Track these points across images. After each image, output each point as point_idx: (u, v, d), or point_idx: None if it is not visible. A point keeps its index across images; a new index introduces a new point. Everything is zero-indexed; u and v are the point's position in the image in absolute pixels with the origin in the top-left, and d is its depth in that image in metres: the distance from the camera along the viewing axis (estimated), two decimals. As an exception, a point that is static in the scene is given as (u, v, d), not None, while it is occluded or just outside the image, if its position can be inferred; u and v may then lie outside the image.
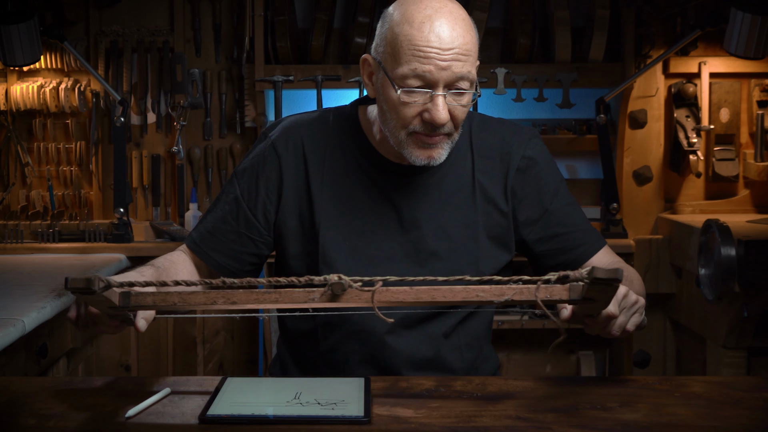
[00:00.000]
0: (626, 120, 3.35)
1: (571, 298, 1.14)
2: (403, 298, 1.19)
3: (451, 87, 1.46)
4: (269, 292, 1.19)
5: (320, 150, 1.62)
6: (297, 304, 1.20)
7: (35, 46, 3.02)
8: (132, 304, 1.21)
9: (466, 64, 1.46)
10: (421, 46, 1.44)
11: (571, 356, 3.44)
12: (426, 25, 1.45)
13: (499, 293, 1.15)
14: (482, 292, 1.16)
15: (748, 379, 1.50)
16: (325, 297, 1.19)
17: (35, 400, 1.35)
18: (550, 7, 3.28)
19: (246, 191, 1.63)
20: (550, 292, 1.15)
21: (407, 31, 1.45)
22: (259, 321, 3.19)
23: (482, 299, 1.17)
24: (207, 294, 1.20)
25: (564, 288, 1.14)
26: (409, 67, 1.45)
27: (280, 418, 1.25)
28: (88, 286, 1.11)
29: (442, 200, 1.61)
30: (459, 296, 1.17)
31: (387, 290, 1.19)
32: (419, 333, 1.60)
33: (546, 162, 1.68)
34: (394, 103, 1.48)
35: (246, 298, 1.19)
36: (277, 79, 3.22)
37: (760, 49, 2.98)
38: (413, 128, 1.49)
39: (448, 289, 1.18)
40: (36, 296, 2.21)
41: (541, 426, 1.23)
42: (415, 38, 1.44)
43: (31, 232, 3.23)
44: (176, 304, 1.20)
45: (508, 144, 1.64)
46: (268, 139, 1.65)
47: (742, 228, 2.77)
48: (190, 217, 3.34)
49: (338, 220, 1.60)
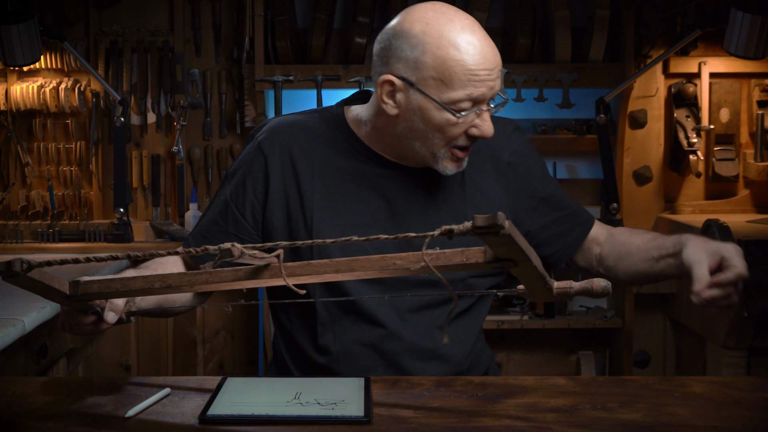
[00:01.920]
0: (626, 120, 3.35)
1: (487, 260, 1.13)
2: (324, 270, 1.20)
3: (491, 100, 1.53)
4: (200, 273, 1.22)
5: (308, 149, 1.64)
6: (226, 283, 1.22)
7: (35, 46, 3.02)
8: (81, 292, 1.25)
9: (499, 79, 1.53)
10: (476, 71, 1.48)
11: (571, 356, 3.44)
12: (471, 47, 1.48)
13: (416, 260, 1.16)
14: (399, 259, 1.17)
15: (748, 379, 1.50)
16: (248, 273, 1.21)
17: (35, 400, 1.35)
18: (550, 7, 3.28)
19: (234, 192, 1.66)
20: (467, 255, 1.14)
21: (456, 56, 1.47)
22: (259, 322, 3.19)
23: (400, 267, 1.17)
24: (146, 278, 1.24)
25: (479, 250, 1.14)
26: (464, 92, 1.48)
27: (280, 418, 1.25)
28: (9, 268, 1.15)
29: (433, 194, 1.63)
30: (377, 265, 1.18)
31: (308, 264, 1.20)
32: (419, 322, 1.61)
33: (530, 152, 1.74)
34: (442, 124, 1.51)
35: (180, 280, 1.23)
36: (277, 79, 3.22)
37: (760, 49, 2.98)
38: (456, 143, 1.54)
39: (365, 259, 1.19)
40: (36, 296, 2.20)
41: (541, 426, 1.23)
42: (468, 63, 1.47)
43: (31, 232, 3.23)
44: (119, 290, 1.24)
45: (496, 139, 1.67)
46: (255, 140, 1.68)
47: (742, 228, 2.78)
48: (190, 217, 3.34)
49: (331, 215, 1.61)
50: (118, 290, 1.25)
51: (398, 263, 1.17)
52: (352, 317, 1.61)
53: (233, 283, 1.23)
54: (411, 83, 1.50)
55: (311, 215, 1.61)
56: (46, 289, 1.24)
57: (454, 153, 1.55)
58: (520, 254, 1.11)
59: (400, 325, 1.60)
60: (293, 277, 1.20)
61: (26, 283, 1.21)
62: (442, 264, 1.15)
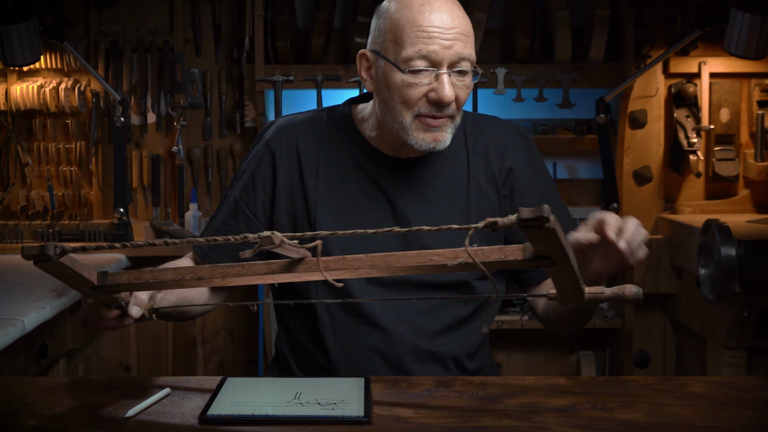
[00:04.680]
0: (626, 120, 3.35)
1: (525, 257, 1.12)
2: (359, 265, 1.18)
3: (453, 67, 1.50)
4: (233, 266, 1.21)
5: (314, 148, 1.65)
6: (258, 276, 1.21)
7: (35, 46, 3.02)
8: (109, 282, 1.23)
9: (467, 45, 1.51)
10: (424, 27, 1.49)
11: (571, 356, 3.44)
12: (426, 7, 1.50)
13: (453, 256, 1.14)
14: (436, 255, 1.15)
15: (748, 379, 1.50)
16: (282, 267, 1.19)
17: (35, 400, 1.35)
18: (550, 7, 3.28)
19: (244, 192, 1.66)
20: (505, 253, 1.13)
21: (408, 15, 1.50)
22: (259, 322, 3.19)
23: (437, 263, 1.15)
24: (176, 270, 1.22)
25: (518, 248, 1.12)
26: (413, 48, 1.49)
27: (280, 418, 1.25)
28: (43, 252, 1.12)
29: (437, 195, 1.62)
30: (413, 261, 1.16)
31: (343, 259, 1.19)
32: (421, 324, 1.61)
33: (537, 165, 1.70)
34: (399, 87, 1.51)
35: (212, 273, 1.21)
36: (277, 79, 3.22)
37: (760, 49, 2.98)
38: (419, 110, 1.52)
39: (402, 255, 1.17)
40: (36, 296, 2.21)
41: (541, 426, 1.23)
42: (418, 20, 1.49)
43: (31, 232, 3.23)
44: (149, 281, 1.22)
45: (503, 144, 1.67)
46: (263, 139, 1.69)
47: (742, 228, 2.78)
48: (190, 217, 3.33)
49: (335, 214, 1.61)
50: (148, 281, 1.22)
51: (435, 259, 1.15)
52: (353, 319, 1.61)
53: (266, 277, 1.21)
54: (377, 52, 1.54)
55: (314, 215, 1.61)
56: (74, 277, 1.21)
57: (422, 121, 1.52)
58: (560, 252, 1.09)
59: (402, 327, 1.60)
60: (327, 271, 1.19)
61: (56, 269, 1.18)
62: (480, 261, 1.13)
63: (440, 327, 1.62)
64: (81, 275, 1.20)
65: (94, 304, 1.33)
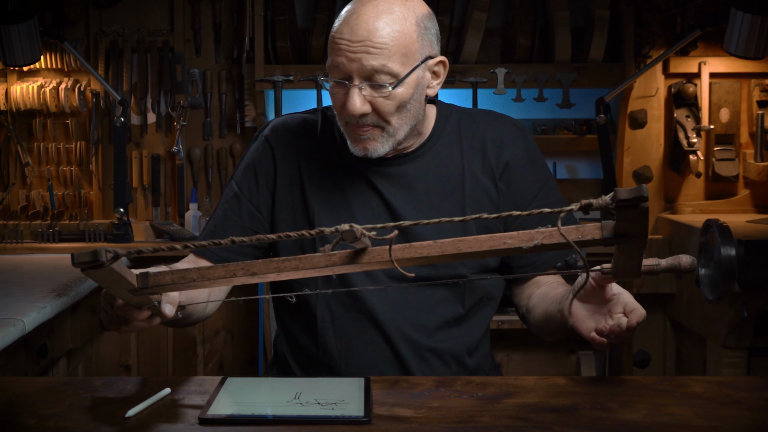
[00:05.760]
0: (626, 120, 3.35)
1: (604, 236, 1.08)
2: (428, 252, 1.13)
3: (369, 79, 1.49)
4: (289, 259, 1.16)
5: (310, 145, 1.67)
6: (317, 269, 1.15)
7: (35, 46, 3.02)
8: (151, 284, 1.17)
9: (378, 57, 1.47)
10: (336, 39, 1.50)
11: (571, 356, 3.44)
12: (344, 18, 1.50)
13: (528, 239, 1.09)
14: (510, 239, 1.10)
15: (748, 379, 1.50)
16: (343, 258, 1.14)
17: (35, 400, 1.35)
18: (550, 7, 3.28)
19: (246, 186, 1.67)
20: (582, 232, 1.09)
21: (334, 26, 1.52)
22: (259, 322, 3.19)
23: (510, 246, 1.10)
24: (226, 267, 1.16)
25: (595, 227, 1.09)
26: (330, 59, 1.51)
27: (280, 418, 1.25)
28: (96, 258, 1.07)
29: (430, 190, 1.63)
30: (486, 245, 1.10)
31: (410, 246, 1.13)
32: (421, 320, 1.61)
33: (534, 158, 1.69)
34: (330, 94, 1.54)
35: (266, 268, 1.15)
36: (277, 79, 3.22)
37: (760, 49, 2.98)
38: (345, 119, 1.54)
39: (473, 239, 1.12)
40: (36, 296, 2.21)
41: (541, 426, 1.23)
42: (334, 32, 1.51)
43: (31, 232, 3.23)
44: (195, 280, 1.17)
45: (500, 137, 1.67)
46: (261, 136, 1.71)
47: (742, 228, 2.77)
48: (190, 217, 3.34)
49: (331, 211, 1.63)
50: (195, 280, 1.16)
51: (509, 242, 1.10)
52: (353, 314, 1.61)
53: (325, 270, 1.16)
54: None
55: (313, 210, 1.62)
56: (118, 281, 1.15)
57: (350, 129, 1.55)
58: (642, 230, 1.06)
59: (401, 323, 1.60)
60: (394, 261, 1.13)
61: (104, 275, 1.12)
62: (555, 242, 1.09)
63: (439, 323, 1.62)
64: (125, 278, 1.15)
65: (124, 306, 1.27)
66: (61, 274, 2.54)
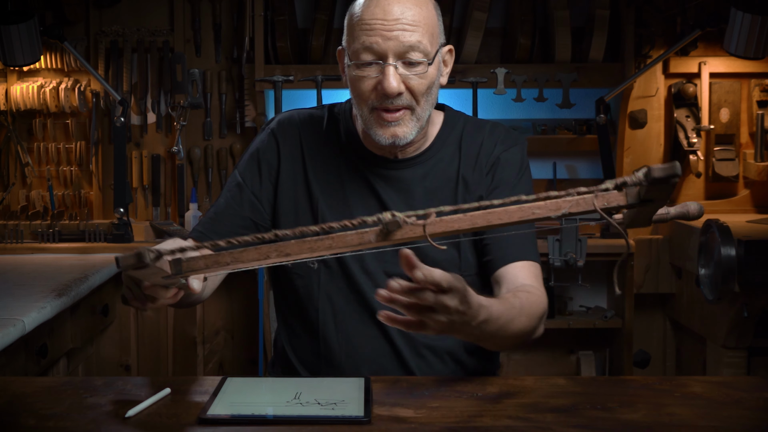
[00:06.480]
0: (626, 120, 3.35)
1: (629, 202, 1.11)
2: (459, 225, 1.14)
3: (402, 58, 1.51)
4: (322, 238, 1.15)
5: (315, 141, 1.68)
6: (350, 247, 1.16)
7: (35, 46, 3.02)
8: (184, 270, 1.18)
9: (414, 34, 1.50)
10: (367, 19, 1.51)
11: (571, 356, 3.44)
12: (372, 1, 1.52)
13: (556, 208, 1.11)
14: (538, 209, 1.12)
15: (748, 379, 1.50)
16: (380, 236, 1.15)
17: (35, 400, 1.35)
18: (550, 7, 3.28)
19: (249, 177, 1.68)
20: (607, 199, 1.11)
21: (356, 11, 1.54)
22: (259, 322, 3.19)
23: (539, 216, 1.12)
24: (259, 249, 1.16)
25: (620, 194, 1.11)
26: (359, 41, 1.52)
27: (280, 418, 1.25)
28: (140, 260, 1.10)
29: (426, 195, 1.64)
30: (515, 216, 1.12)
31: (441, 220, 1.15)
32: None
33: (516, 167, 1.67)
34: (353, 80, 1.55)
35: (299, 248, 1.15)
36: (277, 79, 3.22)
37: (760, 49, 2.98)
38: (372, 103, 1.54)
39: (503, 211, 1.13)
40: (36, 296, 2.21)
41: (541, 426, 1.23)
42: (364, 13, 1.52)
43: (31, 232, 3.23)
44: (228, 264, 1.17)
45: (494, 142, 1.68)
46: (268, 128, 1.72)
47: (742, 228, 2.78)
48: (190, 217, 3.33)
49: (333, 208, 1.64)
50: (228, 264, 1.17)
51: (537, 212, 1.13)
52: (354, 308, 1.62)
53: (358, 247, 1.16)
54: (344, 48, 1.58)
55: (317, 204, 1.64)
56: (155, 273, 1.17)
57: (379, 115, 1.54)
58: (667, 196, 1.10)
59: None
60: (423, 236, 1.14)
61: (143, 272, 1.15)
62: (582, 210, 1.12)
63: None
64: (161, 269, 1.16)
65: (152, 286, 1.26)
66: (61, 274, 2.54)
